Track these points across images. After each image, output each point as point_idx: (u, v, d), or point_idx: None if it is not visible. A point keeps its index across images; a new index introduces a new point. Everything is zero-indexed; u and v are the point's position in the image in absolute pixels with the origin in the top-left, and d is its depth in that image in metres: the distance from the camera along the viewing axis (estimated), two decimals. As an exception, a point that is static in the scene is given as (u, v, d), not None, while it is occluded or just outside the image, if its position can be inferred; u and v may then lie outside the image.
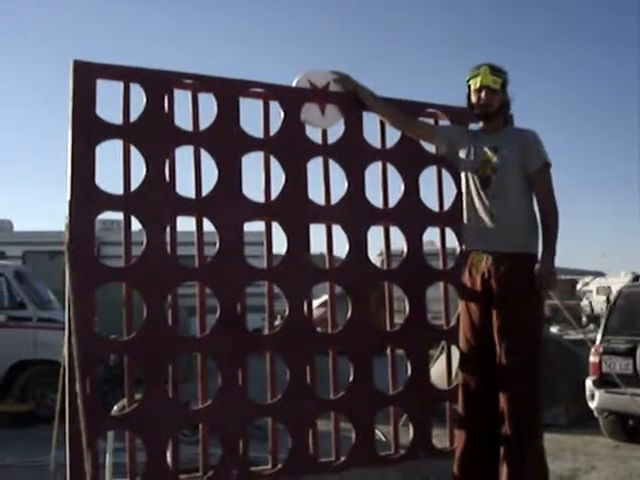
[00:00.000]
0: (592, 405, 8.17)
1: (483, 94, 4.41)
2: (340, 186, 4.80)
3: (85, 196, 4.12)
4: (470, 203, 4.47)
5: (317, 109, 4.78)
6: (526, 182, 4.35)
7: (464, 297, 4.52)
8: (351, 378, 4.71)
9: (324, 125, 4.83)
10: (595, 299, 30.66)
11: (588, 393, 8.19)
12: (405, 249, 4.97)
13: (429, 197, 5.08)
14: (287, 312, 4.58)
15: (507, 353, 4.23)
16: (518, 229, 4.31)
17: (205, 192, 4.46)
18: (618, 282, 23.01)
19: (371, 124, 4.97)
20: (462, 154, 4.54)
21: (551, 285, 4.26)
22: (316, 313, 5.17)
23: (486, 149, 4.41)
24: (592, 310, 27.21)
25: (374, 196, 4.91)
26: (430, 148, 5.01)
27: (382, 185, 4.99)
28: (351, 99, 4.85)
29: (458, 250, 5.04)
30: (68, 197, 4.08)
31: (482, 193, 4.38)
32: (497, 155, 4.36)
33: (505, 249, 4.29)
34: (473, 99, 4.47)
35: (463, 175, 4.56)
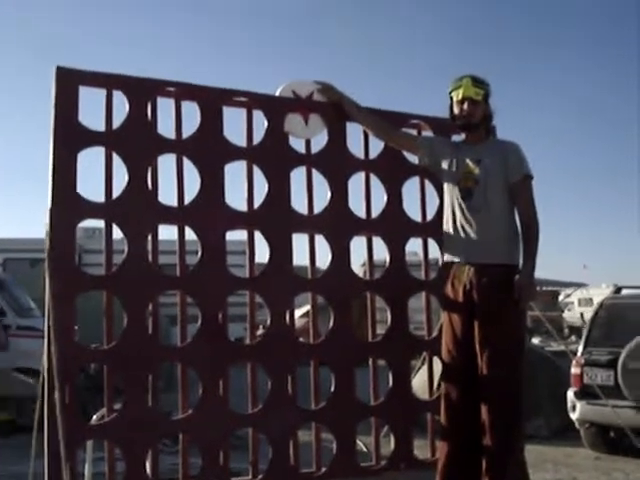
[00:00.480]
0: (573, 416, 8.19)
1: (465, 105, 4.43)
2: (323, 196, 4.81)
3: (66, 203, 4.09)
4: (451, 214, 4.48)
5: (300, 119, 4.78)
6: (507, 194, 4.37)
7: (446, 308, 4.53)
8: (332, 389, 4.69)
9: (307, 135, 4.83)
10: (577, 310, 30.78)
11: (569, 404, 8.21)
12: (388, 259, 4.97)
13: (412, 208, 5.09)
14: (269, 322, 4.56)
15: (489, 365, 4.23)
16: (499, 241, 4.33)
17: (187, 200, 4.44)
18: (599, 294, 23.13)
19: (354, 134, 4.98)
20: (444, 165, 4.55)
21: (531, 297, 4.28)
22: (298, 323, 5.15)
23: (468, 161, 4.42)
24: (583, 320, 27.27)
25: (357, 206, 4.92)
26: (413, 159, 5.02)
27: (365, 195, 5.00)
28: (335, 109, 4.85)
29: (440, 261, 5.04)
30: (49, 204, 4.05)
31: (464, 205, 4.40)
32: (479, 167, 4.38)
33: (486, 260, 4.31)
34: (455, 110, 4.49)
35: (445, 186, 4.57)
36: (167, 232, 4.49)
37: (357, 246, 4.93)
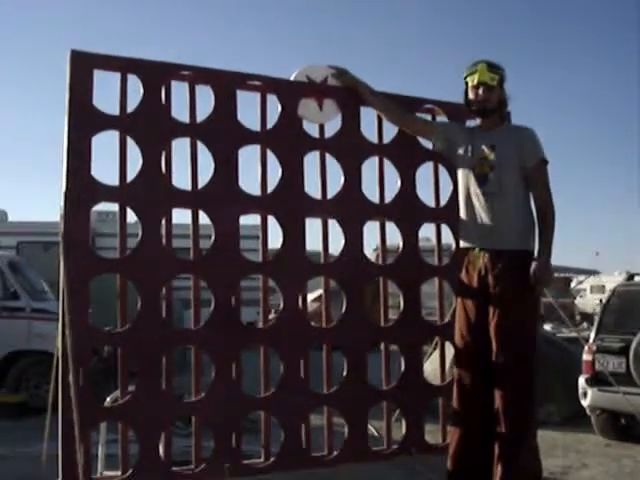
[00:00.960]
0: (584, 403, 8.18)
1: (481, 91, 4.40)
2: (336, 180, 4.80)
3: (81, 187, 4.10)
4: (467, 200, 4.47)
5: (315, 104, 4.77)
6: (523, 179, 4.35)
7: (460, 294, 4.52)
8: (344, 373, 4.71)
9: (322, 120, 4.82)
10: (589, 297, 30.71)
11: (581, 391, 8.20)
12: (401, 245, 4.97)
13: (425, 193, 5.09)
14: (281, 306, 4.57)
15: (503, 350, 4.23)
16: (515, 226, 4.31)
17: (201, 184, 4.45)
18: (612, 281, 23.05)
19: (368, 119, 4.97)
20: (460, 151, 4.54)
21: (547, 282, 4.26)
22: (310, 307, 5.16)
23: (483, 146, 4.40)
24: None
25: (370, 191, 4.92)
26: (427, 144, 5.01)
27: (378, 180, 4.99)
28: (349, 94, 4.84)
29: (454, 246, 5.04)
30: (64, 188, 4.07)
31: (479, 190, 4.38)
32: (494, 152, 4.36)
33: (502, 246, 4.29)
34: (471, 96, 4.47)
35: (460, 172, 4.55)
36: (181, 216, 4.52)
37: (370, 231, 4.94)
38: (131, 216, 4.29)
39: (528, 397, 4.28)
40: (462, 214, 4.52)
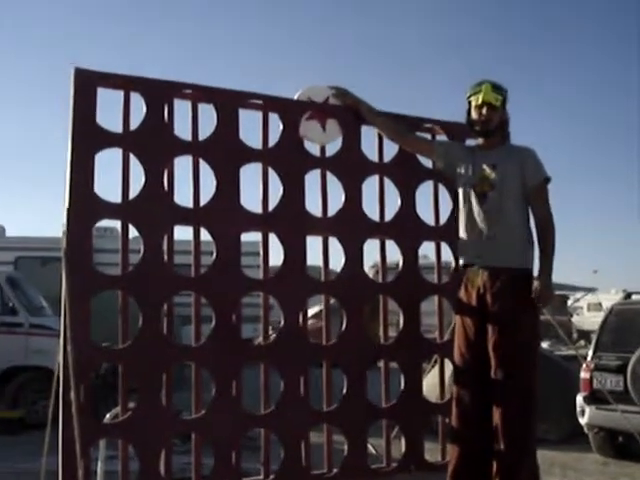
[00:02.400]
0: (582, 421, 8.18)
1: (484, 110, 4.45)
2: (337, 199, 4.83)
3: (83, 203, 4.12)
4: (467, 219, 4.50)
5: (318, 126, 4.81)
6: (523, 198, 4.39)
7: (459, 311, 4.55)
8: (344, 390, 4.72)
9: (325, 141, 4.85)
10: (586, 315, 30.71)
11: (578, 409, 8.21)
12: (400, 263, 4.99)
13: (425, 211, 5.12)
14: (282, 323, 4.59)
15: (501, 368, 4.25)
16: (514, 245, 4.34)
17: (203, 202, 4.48)
18: (609, 299, 23.06)
19: (369, 138, 5.00)
20: (460, 169, 4.57)
21: (548, 300, 4.28)
22: (308, 324, 5.17)
23: (484, 166, 4.44)
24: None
25: (371, 209, 4.95)
26: (427, 163, 5.05)
27: (379, 198, 5.02)
28: (350, 112, 4.88)
29: (453, 264, 5.07)
30: (66, 204, 4.09)
31: (479, 209, 4.42)
32: (495, 172, 4.40)
33: (501, 264, 4.32)
34: (474, 115, 4.51)
35: (460, 190, 4.59)
36: (182, 233, 4.55)
37: (368, 248, 4.96)
38: (131, 231, 4.31)
39: (527, 415, 4.29)
40: (462, 232, 4.55)
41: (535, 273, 4.35)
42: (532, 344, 4.40)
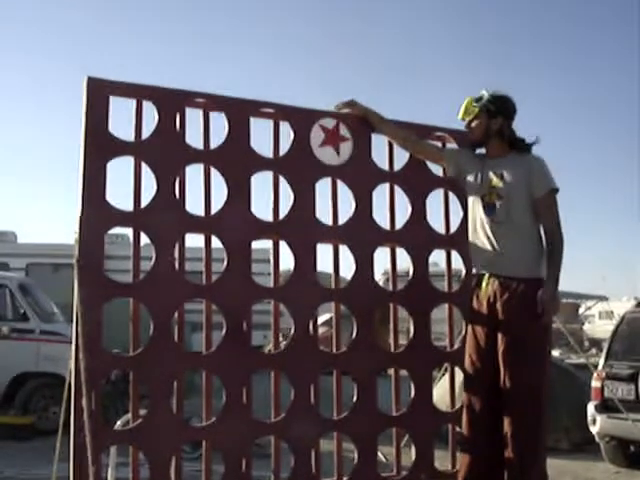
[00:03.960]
0: (593, 430, 8.16)
1: (466, 124, 4.56)
2: (348, 207, 4.85)
3: (96, 211, 4.15)
4: (475, 228, 4.51)
5: (332, 150, 4.82)
6: (532, 207, 4.38)
7: (470, 320, 4.55)
8: (354, 398, 4.72)
9: (340, 162, 4.86)
10: (597, 323, 30.60)
11: (590, 418, 8.18)
12: (411, 271, 5.00)
13: (436, 219, 5.12)
14: (292, 331, 4.60)
15: (511, 378, 4.24)
16: (523, 255, 4.34)
17: (214, 210, 4.50)
18: (620, 307, 22.97)
19: (379, 146, 5.02)
20: (470, 178, 4.58)
21: (554, 311, 4.28)
22: (319, 332, 5.18)
23: (492, 175, 4.45)
24: None
25: (381, 217, 4.96)
26: (437, 171, 5.06)
27: (389, 207, 5.03)
28: (360, 120, 4.89)
29: (464, 272, 5.07)
30: (79, 212, 4.11)
31: (488, 219, 4.43)
32: (503, 181, 4.40)
33: (510, 274, 4.32)
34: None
35: (470, 199, 4.60)
36: (193, 240, 4.57)
37: (379, 256, 4.97)
38: (142, 238, 4.33)
39: (537, 423, 4.28)
40: (471, 241, 4.56)
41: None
42: (542, 353, 4.39)
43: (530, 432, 4.24)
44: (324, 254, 4.77)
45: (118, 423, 4.66)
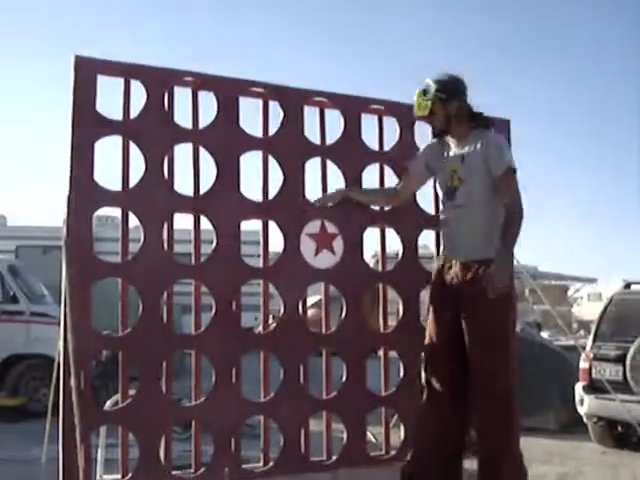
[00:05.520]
0: (581, 411, 8.20)
1: (425, 119, 4.62)
2: (337, 186, 4.83)
3: (83, 192, 4.13)
4: (442, 212, 4.56)
5: (328, 253, 4.80)
6: (491, 188, 4.32)
7: (432, 301, 4.52)
8: (343, 378, 4.73)
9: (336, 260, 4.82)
10: (586, 305, 30.76)
11: (578, 399, 8.22)
12: (400, 251, 5.00)
13: (425, 200, 5.12)
14: (282, 311, 4.60)
15: (476, 356, 4.24)
16: (484, 236, 4.28)
17: (203, 190, 4.48)
18: (609, 289, 23.09)
19: (370, 127, 5.00)
20: (438, 167, 4.57)
21: (498, 286, 4.10)
22: (308, 314, 5.19)
23: (453, 159, 4.44)
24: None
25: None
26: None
27: (379, 187, 5.02)
28: (350, 101, 4.87)
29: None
30: (67, 192, 4.09)
31: (450, 204, 4.45)
32: (463, 164, 4.38)
33: (471, 257, 4.28)
34: None
35: (437, 185, 4.62)
36: (182, 221, 4.55)
37: (368, 237, 4.97)
38: (132, 221, 4.32)
39: (506, 400, 4.25)
40: (440, 226, 4.59)
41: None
42: (505, 331, 4.30)
43: (500, 410, 4.22)
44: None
45: (108, 403, 4.66)
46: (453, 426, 4.34)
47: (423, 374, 4.50)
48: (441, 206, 4.59)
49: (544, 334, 16.34)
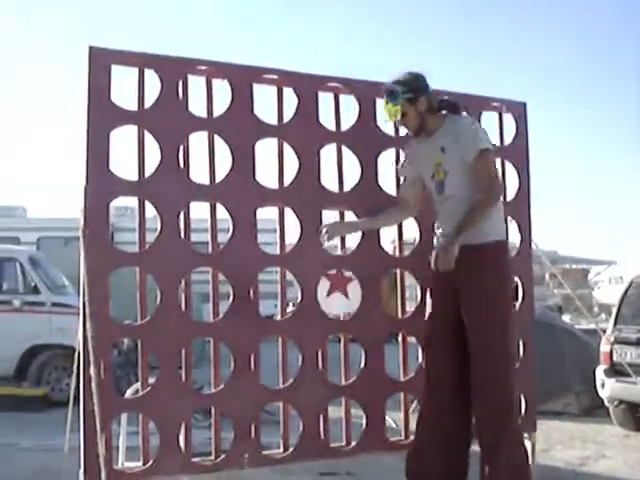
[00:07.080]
0: (603, 394, 8.16)
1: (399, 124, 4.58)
2: (353, 173, 4.82)
3: (100, 181, 4.15)
4: (435, 205, 4.56)
5: (340, 296, 4.84)
6: (470, 174, 4.32)
7: (430, 286, 4.56)
8: (362, 364, 4.74)
9: (351, 308, 4.84)
10: (607, 289, 30.58)
11: (599, 382, 8.19)
12: (418, 237, 4.99)
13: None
14: (299, 297, 4.61)
15: (473, 340, 4.28)
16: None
17: (219, 178, 4.49)
18: (630, 272, 22.96)
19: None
20: (424, 165, 4.56)
21: (445, 262, 4.14)
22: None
23: (435, 152, 4.42)
24: None
25: (387, 183, 4.93)
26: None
27: (395, 173, 5.00)
28: (365, 86, 4.85)
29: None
30: (83, 182, 4.11)
31: (439, 197, 4.47)
32: (444, 155, 4.37)
33: (464, 242, 4.21)
34: None
35: (425, 182, 4.61)
36: (199, 209, 4.56)
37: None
38: (150, 210, 4.33)
39: (505, 383, 4.27)
40: (436, 218, 4.60)
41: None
42: (501, 314, 4.33)
43: (499, 392, 4.24)
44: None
45: (128, 391, 4.70)
46: (453, 413, 4.38)
47: (423, 360, 4.61)
48: (432, 197, 4.57)
49: (565, 318, 16.29)
